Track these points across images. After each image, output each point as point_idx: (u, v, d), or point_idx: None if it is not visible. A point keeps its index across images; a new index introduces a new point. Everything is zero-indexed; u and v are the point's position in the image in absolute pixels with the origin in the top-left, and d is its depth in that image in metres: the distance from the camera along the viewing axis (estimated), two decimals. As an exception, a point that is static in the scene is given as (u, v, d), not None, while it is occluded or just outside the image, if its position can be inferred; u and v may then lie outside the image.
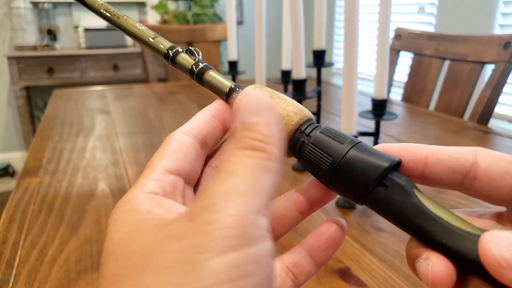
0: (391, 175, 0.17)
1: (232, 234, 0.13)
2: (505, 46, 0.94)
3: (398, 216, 0.16)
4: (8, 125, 2.52)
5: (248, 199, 0.14)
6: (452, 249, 0.15)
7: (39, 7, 2.32)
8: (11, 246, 0.45)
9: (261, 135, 0.16)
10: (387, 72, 0.58)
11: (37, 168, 0.68)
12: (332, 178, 0.18)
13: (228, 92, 0.21)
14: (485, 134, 0.85)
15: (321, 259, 0.20)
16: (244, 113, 0.16)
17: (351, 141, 0.18)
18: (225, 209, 0.14)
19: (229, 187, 0.15)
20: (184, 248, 0.13)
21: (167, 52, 0.22)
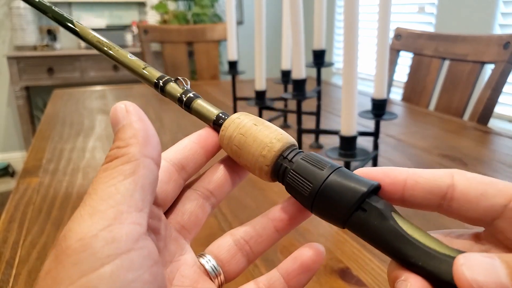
0: (369, 200, 0.18)
1: (80, 259, 0.14)
2: (505, 46, 0.94)
3: (377, 239, 0.17)
4: (8, 125, 2.52)
5: (98, 217, 0.14)
6: (429, 271, 0.15)
7: (39, 7, 2.32)
8: (11, 246, 0.45)
9: (118, 141, 0.16)
10: (387, 72, 0.58)
11: (37, 168, 0.68)
12: (313, 203, 0.19)
13: (215, 120, 0.22)
14: (485, 134, 0.85)
15: (295, 284, 0.20)
16: (112, 128, 0.17)
17: (330, 166, 0.19)
18: (74, 234, 0.14)
19: (83, 209, 0.15)
20: (47, 283, 0.14)
21: (157, 81, 0.23)
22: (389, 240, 0.17)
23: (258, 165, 0.20)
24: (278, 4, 2.67)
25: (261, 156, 0.20)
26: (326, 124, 0.93)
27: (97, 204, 0.15)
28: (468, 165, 0.68)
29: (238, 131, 0.21)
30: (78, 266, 0.14)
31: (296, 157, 0.20)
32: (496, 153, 0.74)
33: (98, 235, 0.14)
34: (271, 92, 0.92)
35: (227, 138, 0.21)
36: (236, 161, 0.21)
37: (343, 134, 0.51)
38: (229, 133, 0.21)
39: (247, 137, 0.20)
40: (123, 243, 0.14)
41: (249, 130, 0.20)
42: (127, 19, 2.59)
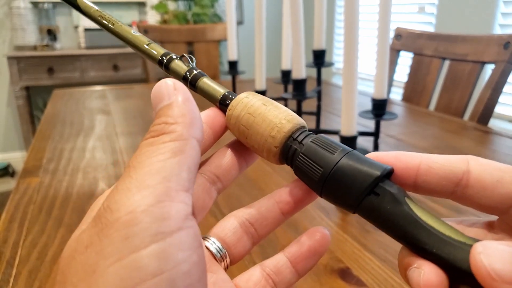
0: (382, 184, 0.17)
1: (130, 233, 0.13)
2: (505, 46, 0.94)
3: (389, 225, 0.16)
4: (8, 125, 2.52)
5: (147, 191, 0.14)
6: (443, 258, 0.15)
7: (39, 7, 2.32)
8: (11, 246, 0.45)
9: (165, 117, 0.16)
10: (387, 72, 0.59)
11: (37, 168, 0.68)
12: (323, 188, 0.18)
13: (222, 99, 0.21)
14: (485, 134, 0.85)
15: (302, 268, 0.20)
16: (154, 104, 0.17)
17: (342, 150, 0.18)
18: (123, 207, 0.13)
19: (129, 182, 0.14)
20: (89, 257, 0.13)
21: (161, 58, 0.23)
22: (403, 226, 0.16)
23: (266, 146, 0.19)
24: (278, 4, 2.67)
25: (270, 137, 0.19)
26: (326, 124, 0.93)
27: (144, 178, 0.14)
28: (468, 165, 0.68)
29: (246, 111, 0.20)
30: (128, 241, 0.13)
31: (306, 139, 0.19)
32: (496, 153, 0.74)
33: (148, 211, 0.13)
34: (271, 92, 0.92)
35: (235, 118, 0.20)
36: (243, 142, 0.21)
37: (343, 134, 0.51)
38: (236, 113, 0.20)
39: (256, 116, 0.20)
40: (173, 221, 0.13)
41: (257, 110, 0.20)
42: (127, 19, 2.59)
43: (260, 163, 0.69)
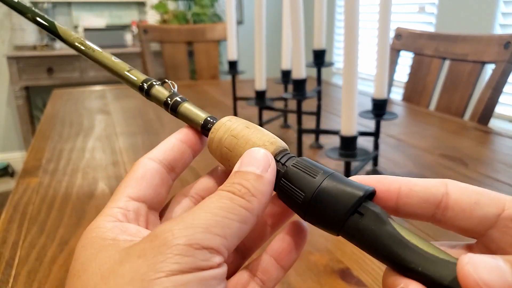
0: (366, 204, 0.17)
1: (183, 260, 0.15)
2: (506, 46, 0.94)
3: (374, 244, 0.17)
4: (8, 125, 2.51)
5: (207, 235, 0.16)
6: (429, 276, 0.15)
7: (38, 7, 2.32)
8: (10, 246, 0.45)
9: (250, 184, 0.17)
10: (387, 72, 0.58)
11: (37, 168, 0.67)
12: (306, 212, 0.18)
13: (203, 124, 0.21)
14: (485, 134, 0.85)
15: (287, 263, 0.20)
16: (245, 163, 0.18)
17: (323, 172, 0.18)
18: (183, 237, 0.15)
19: (197, 218, 0.16)
20: (140, 266, 0.15)
21: (142, 84, 0.23)
22: (387, 245, 0.16)
23: None
24: (278, 4, 2.67)
25: None
26: (326, 124, 0.93)
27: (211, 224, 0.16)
28: (469, 165, 0.68)
29: (229, 133, 0.20)
30: (179, 265, 0.15)
31: (289, 162, 0.19)
32: (496, 153, 0.74)
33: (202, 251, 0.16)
34: (271, 92, 0.91)
35: (217, 140, 0.20)
36: (225, 165, 0.21)
37: (343, 134, 0.51)
38: (219, 135, 0.20)
39: (239, 139, 0.20)
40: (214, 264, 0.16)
41: (241, 132, 0.20)
42: (127, 19, 2.58)
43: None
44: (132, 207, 0.19)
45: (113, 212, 0.18)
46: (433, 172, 0.65)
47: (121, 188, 0.19)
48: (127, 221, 0.18)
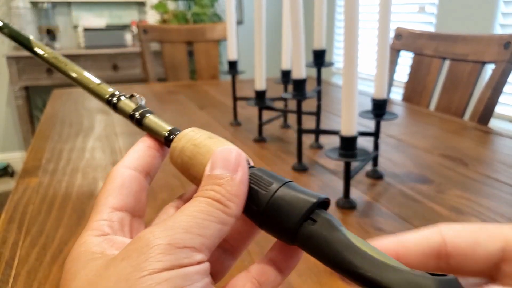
0: (318, 211, 0.18)
1: (165, 259, 0.16)
2: (506, 45, 0.94)
3: (325, 250, 0.17)
4: (8, 125, 2.51)
5: (187, 235, 0.16)
6: (377, 281, 0.15)
7: (38, 7, 2.32)
8: (10, 247, 0.45)
9: (225, 191, 0.18)
10: (387, 72, 0.58)
11: (37, 168, 0.67)
12: (262, 222, 0.19)
13: (167, 135, 0.22)
14: (485, 134, 0.85)
15: (285, 267, 0.20)
16: (215, 165, 0.18)
17: (278, 182, 0.19)
18: (164, 237, 0.16)
19: (178, 221, 0.17)
20: (125, 268, 0.16)
21: (109, 98, 0.23)
22: (338, 251, 0.16)
23: None
24: (278, 4, 2.67)
25: None
26: (326, 124, 0.93)
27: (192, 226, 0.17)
28: (469, 165, 0.68)
29: (191, 142, 0.20)
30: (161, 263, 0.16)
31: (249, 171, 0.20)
32: (496, 153, 0.74)
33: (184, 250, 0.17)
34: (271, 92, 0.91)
35: (179, 149, 0.21)
36: (185, 174, 0.21)
37: (343, 134, 0.51)
38: (181, 144, 0.21)
39: (201, 148, 0.20)
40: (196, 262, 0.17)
41: (203, 142, 0.20)
42: (127, 18, 2.58)
43: (260, 163, 0.69)
44: (116, 218, 0.19)
45: (98, 225, 0.18)
46: (433, 172, 0.65)
47: (102, 199, 0.19)
48: (113, 233, 0.18)
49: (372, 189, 0.59)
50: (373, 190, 0.59)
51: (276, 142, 0.80)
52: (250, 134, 0.85)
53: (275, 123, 0.92)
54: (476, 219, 0.50)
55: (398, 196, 0.57)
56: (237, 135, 0.85)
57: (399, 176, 0.64)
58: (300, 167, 0.66)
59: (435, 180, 0.62)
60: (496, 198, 0.56)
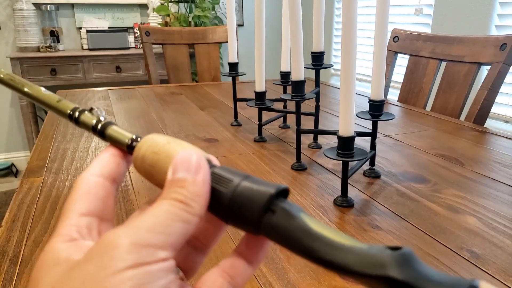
0: (277, 201, 0.18)
1: (128, 257, 0.16)
2: (502, 47, 0.95)
3: (287, 239, 0.18)
4: (12, 125, 2.53)
5: (151, 234, 0.17)
6: (336, 263, 0.16)
7: (42, 9, 2.34)
8: (14, 245, 0.46)
9: (188, 192, 0.18)
10: (384, 73, 0.59)
11: (41, 168, 0.69)
12: (227, 217, 0.19)
13: (129, 144, 0.22)
14: (481, 134, 0.86)
15: (254, 258, 0.21)
16: (178, 169, 0.19)
17: (239, 176, 0.19)
18: (128, 237, 0.16)
19: (142, 221, 0.17)
20: (89, 269, 0.16)
21: (70, 113, 0.24)
22: (298, 238, 0.17)
23: None
24: (278, 7, 2.68)
25: None
26: (324, 124, 0.94)
27: (156, 227, 0.17)
28: (465, 164, 0.69)
29: (151, 150, 0.21)
30: (126, 262, 0.16)
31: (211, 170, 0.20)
32: (492, 152, 0.75)
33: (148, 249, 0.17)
34: (270, 93, 0.93)
35: (140, 159, 0.21)
36: (151, 181, 0.21)
37: (341, 135, 0.52)
38: (141, 153, 0.21)
39: (160, 155, 0.20)
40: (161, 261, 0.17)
41: (162, 148, 0.20)
42: (129, 21, 2.60)
43: (259, 162, 0.70)
44: (84, 223, 0.19)
45: (66, 231, 0.19)
46: (430, 172, 0.66)
47: (70, 205, 0.20)
48: (81, 237, 0.19)
49: (369, 188, 0.60)
50: (370, 189, 0.60)
51: (275, 142, 0.81)
52: (250, 134, 0.86)
53: (274, 124, 0.93)
54: (472, 218, 0.51)
55: (395, 195, 0.58)
56: (237, 135, 0.86)
57: (396, 175, 0.65)
58: (299, 166, 0.67)
59: (432, 179, 0.63)
60: (492, 197, 0.57)
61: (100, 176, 0.21)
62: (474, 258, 0.43)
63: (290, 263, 0.42)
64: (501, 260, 0.43)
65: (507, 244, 0.46)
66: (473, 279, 0.14)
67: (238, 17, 2.76)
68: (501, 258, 0.43)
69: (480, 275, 0.40)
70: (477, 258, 0.43)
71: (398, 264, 0.15)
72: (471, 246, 0.45)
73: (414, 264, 0.15)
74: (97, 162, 0.22)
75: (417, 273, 0.15)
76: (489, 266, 0.42)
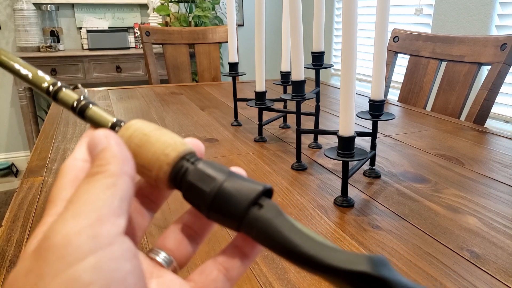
0: (264, 198, 0.19)
1: (65, 253, 0.14)
2: (502, 47, 0.95)
3: (272, 232, 0.18)
4: (12, 125, 2.53)
5: (81, 218, 0.15)
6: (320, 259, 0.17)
7: (42, 9, 2.34)
8: (14, 245, 0.46)
9: (100, 160, 0.18)
10: (384, 73, 0.59)
11: (41, 168, 0.69)
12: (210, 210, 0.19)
13: (111, 127, 0.22)
14: (481, 134, 0.86)
15: (250, 252, 0.21)
16: (89, 151, 0.19)
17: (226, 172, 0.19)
18: (59, 233, 0.15)
19: (65, 213, 0.16)
20: (28, 281, 0.15)
21: (48, 87, 0.22)
22: (283, 232, 0.18)
23: (158, 164, 0.19)
24: (278, 7, 2.68)
25: (163, 155, 0.19)
26: (324, 124, 0.94)
27: (79, 209, 0.16)
28: (465, 164, 0.69)
29: (140, 131, 0.20)
30: (63, 259, 0.14)
31: (196, 163, 0.20)
32: (492, 152, 0.75)
33: (81, 232, 0.15)
34: (271, 93, 0.93)
35: (127, 137, 0.20)
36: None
37: (341, 135, 0.52)
38: (129, 133, 0.20)
39: (150, 136, 0.20)
40: (104, 238, 0.15)
41: (152, 131, 0.20)
42: (129, 21, 2.60)
43: (260, 162, 0.70)
44: None
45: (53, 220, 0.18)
46: (430, 172, 0.66)
47: (56, 193, 0.19)
48: None
49: (369, 188, 0.60)
50: (370, 189, 0.60)
51: (275, 142, 0.81)
52: (250, 134, 0.86)
53: (274, 124, 0.93)
54: (472, 218, 0.51)
55: (395, 195, 0.58)
56: (237, 135, 0.86)
57: (396, 175, 0.65)
58: (299, 166, 0.67)
59: (432, 179, 0.63)
60: (492, 197, 0.57)
61: (86, 161, 0.20)
62: (474, 258, 0.43)
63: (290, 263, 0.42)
64: (502, 260, 0.43)
65: (507, 244, 0.46)
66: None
67: (238, 17, 2.76)
68: (501, 258, 0.43)
69: (480, 275, 0.41)
70: (477, 258, 0.43)
71: (374, 263, 0.16)
72: (471, 246, 0.45)
73: (389, 267, 0.16)
74: (81, 146, 0.21)
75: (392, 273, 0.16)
76: (489, 266, 0.42)
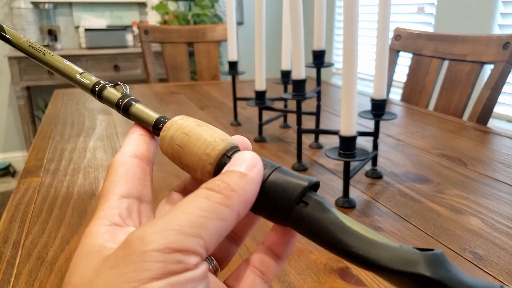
0: (310, 194, 0.18)
1: (154, 267, 0.15)
2: (505, 46, 0.94)
3: (318, 230, 0.18)
4: (9, 125, 2.52)
5: (180, 237, 0.15)
6: (368, 258, 0.16)
7: (39, 8, 2.33)
8: (11, 246, 0.46)
9: (232, 180, 0.17)
10: (386, 72, 0.59)
11: (38, 168, 0.68)
12: (256, 205, 0.19)
13: (155, 124, 0.22)
14: (484, 134, 0.85)
15: (283, 253, 0.20)
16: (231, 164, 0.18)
17: (271, 166, 0.19)
18: (155, 242, 0.15)
19: (171, 221, 0.16)
20: (113, 276, 0.15)
21: (93, 87, 0.23)
22: (330, 231, 0.17)
23: (201, 164, 0.20)
24: (278, 5, 2.67)
25: (204, 154, 0.20)
26: (326, 124, 0.93)
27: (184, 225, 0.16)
28: (468, 164, 0.68)
29: (181, 131, 0.20)
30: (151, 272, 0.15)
31: None
32: (495, 152, 0.75)
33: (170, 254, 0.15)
34: (271, 92, 0.92)
35: (169, 138, 0.21)
36: (176, 163, 0.21)
37: (342, 134, 0.52)
38: (171, 133, 0.21)
39: (191, 136, 0.20)
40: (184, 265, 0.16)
41: (192, 130, 0.20)
42: (128, 19, 2.59)
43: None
44: (124, 205, 0.19)
45: (106, 214, 0.18)
46: (432, 172, 0.65)
47: (108, 188, 0.19)
48: (122, 220, 0.18)
49: (371, 189, 0.60)
50: (372, 190, 0.59)
51: (276, 142, 0.81)
52: (250, 134, 0.86)
53: (275, 123, 0.92)
54: (475, 219, 0.51)
55: (397, 196, 0.57)
56: (237, 135, 0.85)
57: (398, 175, 0.64)
58: (300, 166, 0.67)
59: (434, 179, 0.63)
60: (495, 197, 0.56)
61: (136, 157, 0.21)
62: (477, 259, 0.43)
63: (291, 265, 0.42)
64: (504, 262, 0.42)
65: (510, 245, 0.45)
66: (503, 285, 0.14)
67: (238, 15, 2.75)
68: (504, 260, 0.42)
69: (483, 276, 0.40)
70: (480, 259, 0.43)
71: (431, 263, 0.15)
72: (474, 247, 0.45)
73: (447, 265, 0.15)
74: (129, 142, 0.21)
75: (450, 273, 0.15)
76: (492, 267, 0.41)
